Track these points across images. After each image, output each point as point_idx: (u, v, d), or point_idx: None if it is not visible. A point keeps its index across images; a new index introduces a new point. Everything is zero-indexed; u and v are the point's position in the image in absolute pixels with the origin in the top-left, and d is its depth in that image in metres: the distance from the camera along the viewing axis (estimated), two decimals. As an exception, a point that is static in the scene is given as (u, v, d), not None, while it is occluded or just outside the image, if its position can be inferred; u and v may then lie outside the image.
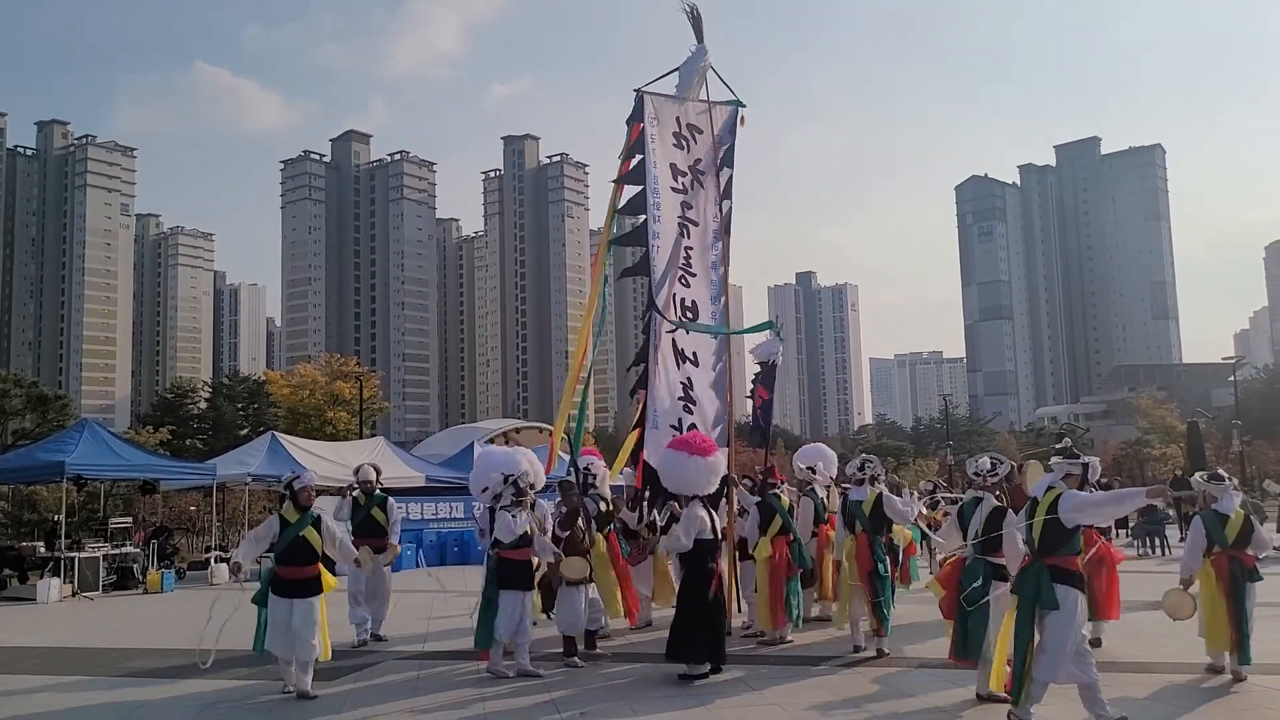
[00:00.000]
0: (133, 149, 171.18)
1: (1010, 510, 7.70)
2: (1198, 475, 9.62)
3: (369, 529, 11.24)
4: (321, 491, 19.27)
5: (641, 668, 9.15)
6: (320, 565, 8.38)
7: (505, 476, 9.07)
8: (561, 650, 9.39)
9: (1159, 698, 7.75)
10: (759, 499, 10.62)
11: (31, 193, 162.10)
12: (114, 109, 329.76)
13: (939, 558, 11.84)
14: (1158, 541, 22.48)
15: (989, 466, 7.93)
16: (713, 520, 8.91)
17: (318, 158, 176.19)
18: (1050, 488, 6.89)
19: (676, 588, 10.08)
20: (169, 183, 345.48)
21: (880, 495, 9.86)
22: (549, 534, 9.46)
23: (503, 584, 8.73)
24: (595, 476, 11.14)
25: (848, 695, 7.86)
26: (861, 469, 10.07)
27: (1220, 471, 9.04)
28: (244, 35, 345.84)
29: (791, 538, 10.38)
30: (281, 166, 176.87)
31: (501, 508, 8.95)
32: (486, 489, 9.19)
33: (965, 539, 7.73)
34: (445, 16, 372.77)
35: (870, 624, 9.63)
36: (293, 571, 8.23)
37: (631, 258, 12.14)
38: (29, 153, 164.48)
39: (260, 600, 8.31)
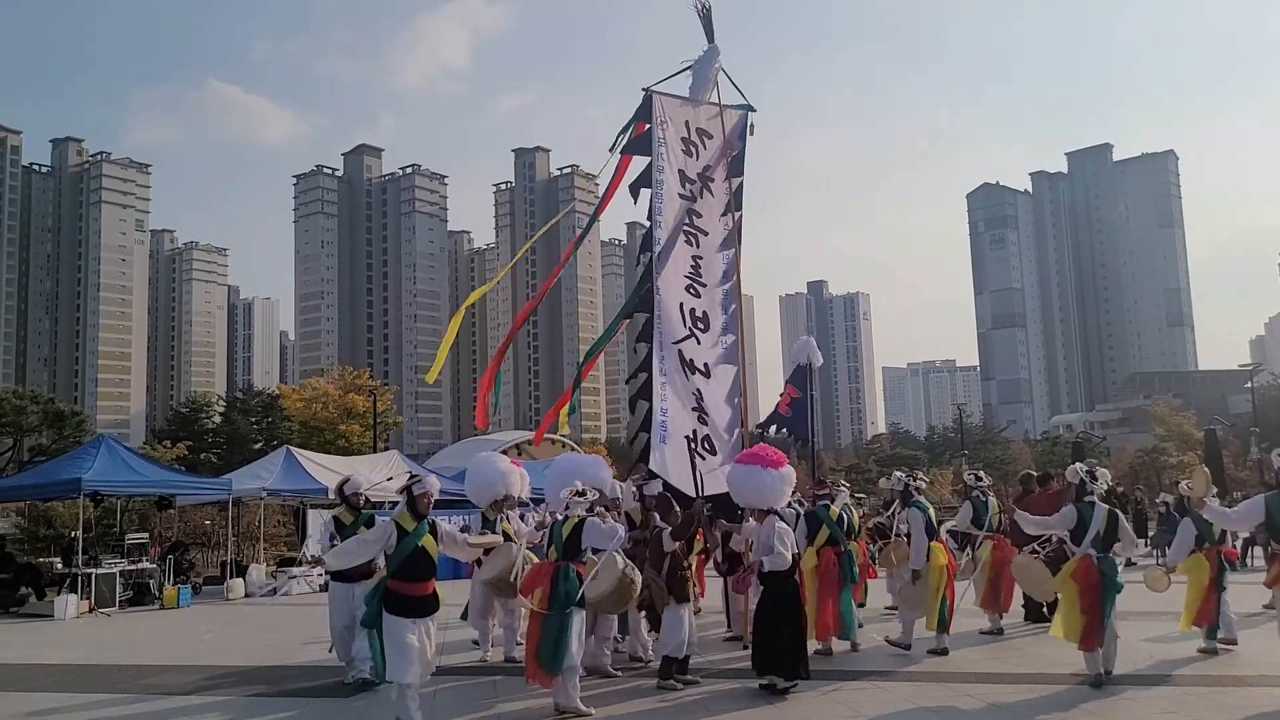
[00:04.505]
0: (147, 165, 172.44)
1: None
2: (1184, 484, 11.44)
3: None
4: (337, 506, 19.34)
5: (652, 683, 9.04)
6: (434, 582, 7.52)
7: (584, 488, 8.58)
8: (659, 671, 8.87)
9: (1180, 708, 7.67)
10: (808, 509, 10.69)
11: (47, 209, 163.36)
12: (128, 126, 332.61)
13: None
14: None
15: (1106, 482, 9.29)
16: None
17: (329, 172, 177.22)
18: None
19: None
20: (183, 198, 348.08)
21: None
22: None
23: (582, 602, 7.91)
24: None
25: (871, 712, 7.80)
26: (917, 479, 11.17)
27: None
28: (254, 51, 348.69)
29: (841, 549, 10.42)
30: (294, 181, 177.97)
31: (587, 516, 8.33)
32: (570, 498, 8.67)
33: (1085, 539, 8.76)
34: (452, 30, 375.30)
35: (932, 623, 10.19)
36: (412, 588, 7.29)
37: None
38: (44, 170, 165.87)
39: (372, 623, 7.35)
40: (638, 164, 11.68)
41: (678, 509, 9.58)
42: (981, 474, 12.43)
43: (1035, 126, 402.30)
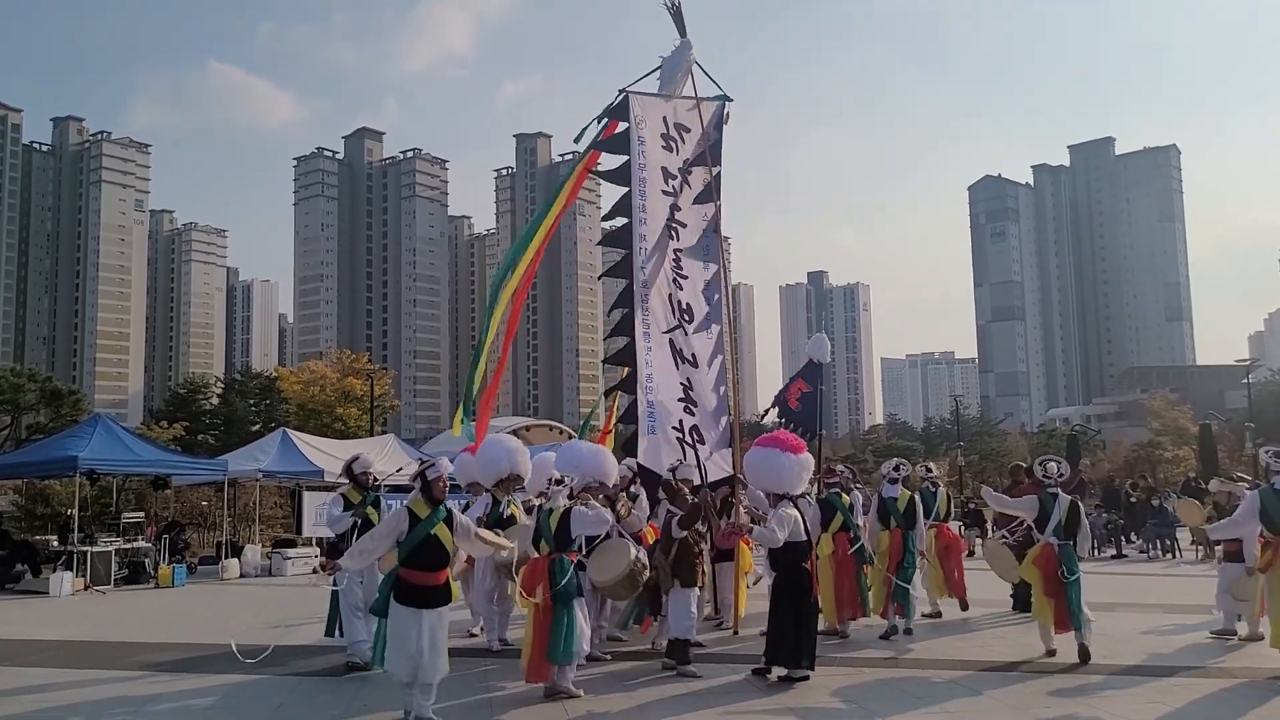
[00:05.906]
0: (147, 145, 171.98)
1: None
2: (1216, 480, 12.00)
3: (361, 534, 8.93)
4: (331, 489, 19.43)
5: (647, 667, 9.09)
6: (449, 571, 7.33)
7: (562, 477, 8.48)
8: (666, 655, 8.86)
9: (1171, 698, 7.74)
10: (822, 497, 10.88)
11: (47, 188, 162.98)
12: (129, 106, 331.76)
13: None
14: (1168, 544, 22.42)
15: (1058, 470, 9.51)
16: (805, 521, 8.78)
17: (330, 155, 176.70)
18: None
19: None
20: (183, 179, 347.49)
21: (913, 496, 11.07)
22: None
23: (581, 591, 8.07)
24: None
25: (855, 697, 7.86)
26: (896, 470, 11.24)
27: (1235, 474, 10.50)
28: (257, 35, 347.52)
29: (853, 534, 10.71)
30: (294, 163, 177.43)
31: (576, 503, 8.25)
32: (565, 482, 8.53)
33: (1046, 529, 9.21)
34: (456, 16, 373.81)
35: (893, 608, 10.61)
36: (422, 577, 7.04)
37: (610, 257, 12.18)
38: (45, 149, 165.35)
39: (380, 610, 7.22)
40: (607, 160, 11.83)
41: (687, 494, 9.62)
42: (931, 466, 13.09)
43: (1037, 121, 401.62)
